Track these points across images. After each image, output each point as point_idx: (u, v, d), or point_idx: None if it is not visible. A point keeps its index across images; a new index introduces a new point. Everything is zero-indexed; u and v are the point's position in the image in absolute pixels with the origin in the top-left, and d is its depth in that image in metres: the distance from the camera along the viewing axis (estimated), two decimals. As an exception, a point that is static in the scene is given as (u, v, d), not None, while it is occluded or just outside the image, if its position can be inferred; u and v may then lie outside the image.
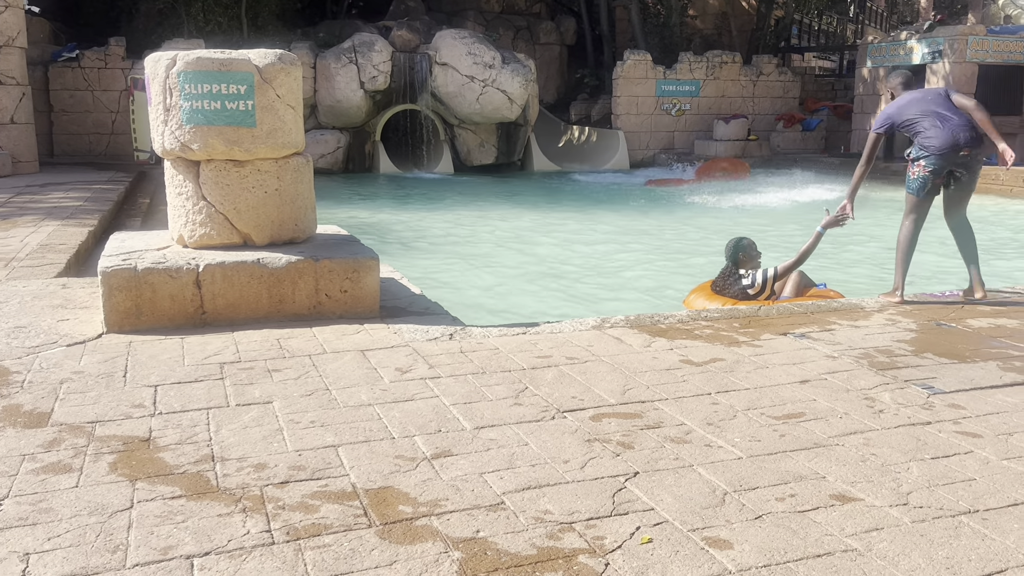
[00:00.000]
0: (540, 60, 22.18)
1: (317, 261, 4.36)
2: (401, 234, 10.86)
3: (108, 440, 2.82)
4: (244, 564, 2.07)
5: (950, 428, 3.03)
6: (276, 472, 2.59)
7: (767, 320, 4.57)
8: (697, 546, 2.18)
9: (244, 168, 4.43)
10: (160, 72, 4.32)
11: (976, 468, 2.69)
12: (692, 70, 21.22)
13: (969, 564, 2.12)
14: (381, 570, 2.06)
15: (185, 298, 4.19)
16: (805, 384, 3.50)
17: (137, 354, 3.77)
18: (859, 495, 2.48)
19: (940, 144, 5.03)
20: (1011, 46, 17.52)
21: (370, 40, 18.20)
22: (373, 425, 2.98)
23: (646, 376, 3.57)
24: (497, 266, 8.90)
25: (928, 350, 4.03)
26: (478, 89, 18.37)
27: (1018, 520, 2.34)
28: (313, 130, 17.95)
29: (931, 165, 5.07)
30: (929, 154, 5.06)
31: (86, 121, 17.01)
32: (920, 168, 5.12)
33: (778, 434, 2.95)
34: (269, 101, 4.36)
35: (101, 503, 2.37)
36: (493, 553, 2.14)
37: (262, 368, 3.60)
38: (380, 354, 3.81)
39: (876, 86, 19.43)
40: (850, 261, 9.25)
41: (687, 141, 21.23)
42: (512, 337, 4.13)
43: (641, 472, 2.62)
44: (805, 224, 10.15)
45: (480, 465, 2.66)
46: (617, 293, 7.68)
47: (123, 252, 4.40)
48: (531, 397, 3.29)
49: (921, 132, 5.11)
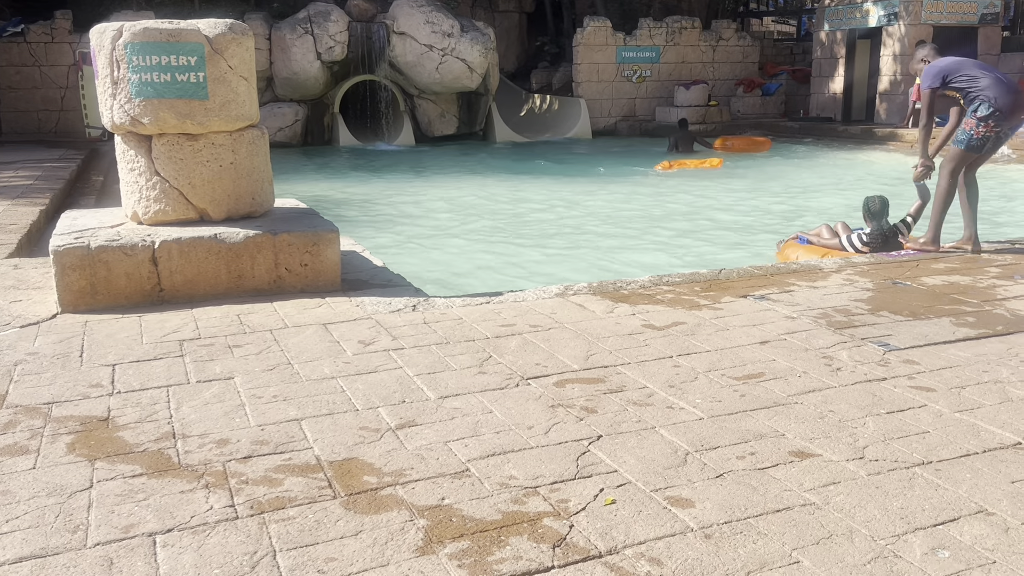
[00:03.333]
0: (499, 28, 21.96)
1: (276, 235, 4.31)
2: (363, 207, 10.76)
3: (65, 421, 2.78)
4: (208, 539, 2.06)
5: (905, 383, 3.10)
6: (239, 447, 2.57)
7: (727, 283, 4.62)
8: (660, 505, 2.22)
9: (198, 142, 4.34)
10: (106, 44, 4.20)
11: (929, 421, 2.76)
12: (652, 36, 21.18)
13: (923, 513, 2.17)
14: (347, 540, 2.06)
15: (141, 275, 4.12)
16: (765, 345, 3.55)
17: (93, 333, 3.70)
18: (817, 451, 2.53)
19: (1010, 104, 5.20)
20: (964, 7, 17.73)
21: (326, 10, 17.87)
22: (336, 398, 2.97)
23: (609, 341, 3.59)
24: (461, 237, 8.86)
25: (884, 308, 4.11)
26: (437, 58, 18.17)
27: (970, 470, 2.41)
28: (270, 103, 17.65)
29: (999, 124, 5.22)
30: (1001, 112, 5.19)
31: (34, 98, 16.56)
32: (988, 128, 5.23)
33: (738, 394, 2.99)
34: (221, 72, 4.27)
35: (60, 484, 2.34)
36: (458, 519, 2.15)
37: (223, 344, 3.56)
38: (342, 327, 3.79)
39: (833, 49, 19.57)
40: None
41: (648, 108, 21.24)
42: (476, 307, 4.13)
43: (604, 435, 2.65)
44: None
45: (445, 434, 2.66)
46: (581, 261, 7.70)
47: (75, 230, 4.31)
48: (495, 365, 3.29)
49: (984, 89, 5.22)
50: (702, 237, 8.61)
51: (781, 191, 11.75)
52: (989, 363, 3.32)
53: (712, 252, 7.85)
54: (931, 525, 2.12)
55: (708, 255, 7.72)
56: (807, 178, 13.00)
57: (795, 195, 11.45)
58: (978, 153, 5.38)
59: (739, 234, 8.75)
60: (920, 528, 2.10)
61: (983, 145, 5.32)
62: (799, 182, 12.58)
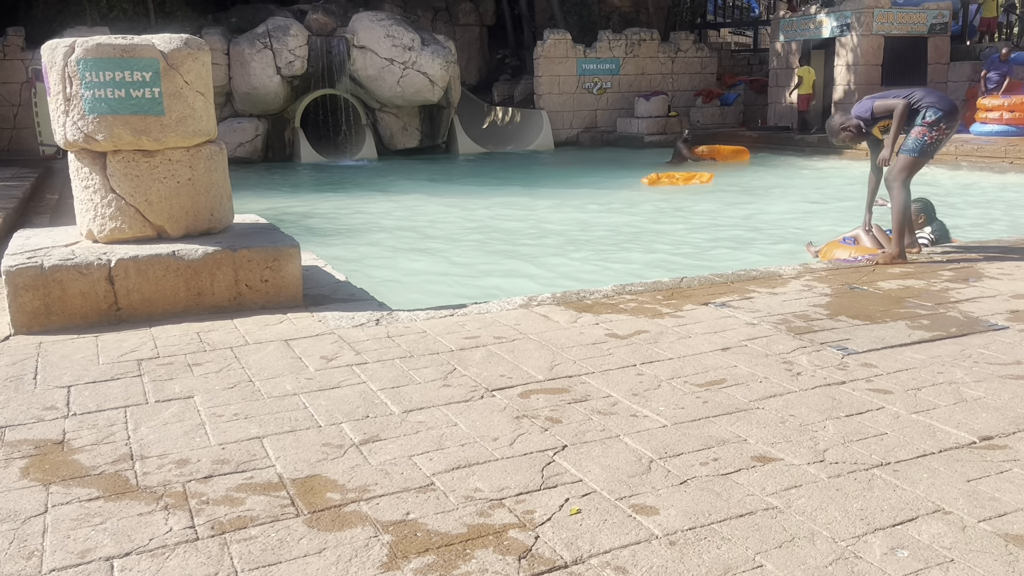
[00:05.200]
0: (460, 41, 22.03)
1: (235, 251, 4.26)
2: (325, 222, 10.68)
3: (19, 445, 2.71)
4: (167, 562, 2.02)
5: (863, 386, 3.15)
6: (199, 467, 2.53)
7: (689, 291, 4.66)
8: (625, 514, 2.22)
9: (154, 158, 4.29)
10: (58, 60, 4.14)
11: (887, 423, 2.80)
12: (612, 48, 21.39)
13: (882, 514, 2.21)
14: (310, 558, 2.04)
15: (97, 295, 4.05)
16: (726, 351, 3.58)
17: (48, 355, 3.62)
18: (779, 455, 2.56)
19: (951, 104, 5.39)
20: (914, 17, 18.17)
21: (285, 24, 17.78)
22: (299, 415, 2.94)
23: (573, 351, 3.60)
24: (424, 250, 8.84)
25: (842, 313, 4.18)
26: (398, 72, 18.16)
27: (927, 470, 2.45)
28: (230, 118, 17.50)
29: (948, 125, 5.36)
30: (947, 113, 5.34)
31: (-14, 115, 16.21)
32: (939, 131, 5.35)
33: (701, 401, 3.02)
34: (177, 88, 4.22)
35: (13, 509, 2.28)
36: (423, 534, 2.14)
37: (182, 363, 3.51)
38: (304, 343, 3.75)
39: (789, 60, 19.91)
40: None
41: (609, 119, 21.42)
42: (440, 320, 4.12)
43: (569, 445, 2.65)
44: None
45: (409, 448, 2.65)
46: (545, 271, 7.72)
47: (28, 250, 4.22)
48: (460, 378, 3.28)
49: (922, 99, 5.39)
50: (684, 251, 8.60)
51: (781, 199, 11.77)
52: (944, 364, 3.38)
53: (697, 265, 7.89)
54: (890, 525, 2.15)
55: (687, 268, 7.78)
56: (789, 187, 13.08)
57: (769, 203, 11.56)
58: (929, 158, 5.49)
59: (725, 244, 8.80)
60: (879, 528, 2.13)
61: (934, 149, 5.43)
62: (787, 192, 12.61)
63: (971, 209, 10.62)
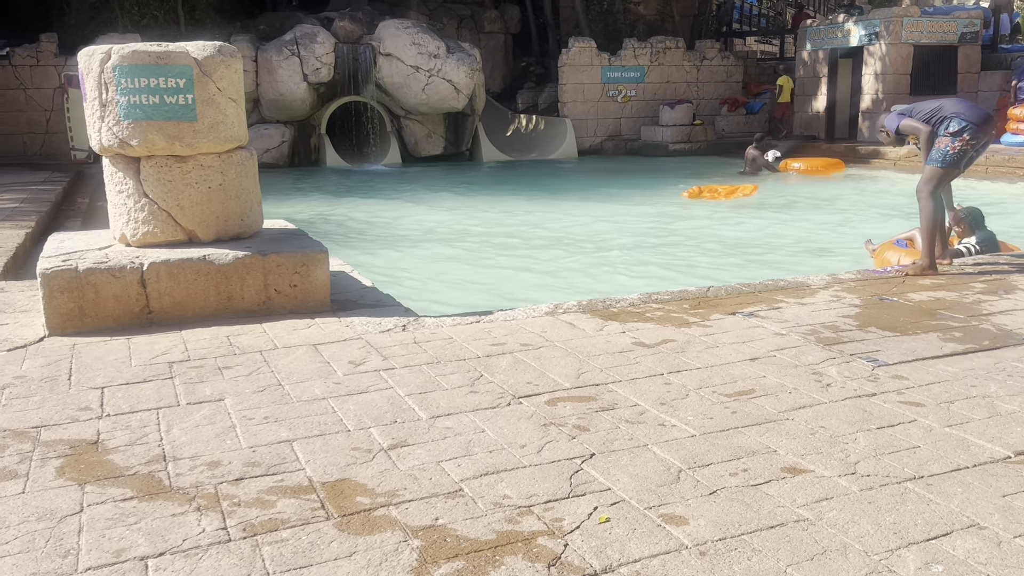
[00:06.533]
0: (485, 49, 22.10)
1: (265, 256, 4.30)
2: (350, 227, 10.75)
3: (54, 444, 2.75)
4: (200, 563, 2.04)
5: (894, 399, 3.12)
6: (230, 469, 2.55)
7: (716, 300, 4.64)
8: (654, 523, 2.22)
9: (186, 163, 4.34)
10: (94, 67, 4.21)
11: (920, 436, 2.77)
12: (636, 56, 21.37)
13: (916, 528, 2.18)
14: (340, 562, 2.05)
15: (130, 298, 4.10)
16: (755, 361, 3.56)
17: (82, 356, 3.68)
18: (809, 467, 2.54)
19: (980, 116, 5.33)
20: (944, 26, 17.98)
21: (312, 32, 17.95)
22: (328, 419, 2.96)
23: (599, 359, 3.60)
24: (450, 256, 8.87)
25: (872, 324, 4.14)
26: (424, 79, 18.26)
27: (961, 484, 2.43)
28: (257, 124, 17.66)
29: (974, 137, 5.30)
30: (973, 124, 5.28)
31: (19, 120, 16.50)
32: (963, 142, 5.30)
33: (730, 411, 3.00)
34: (210, 94, 4.27)
35: (49, 508, 2.32)
36: (452, 540, 2.14)
37: (212, 366, 3.54)
38: (333, 348, 3.78)
39: (816, 68, 19.79)
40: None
41: (634, 127, 21.39)
42: (466, 326, 4.13)
43: (597, 453, 2.65)
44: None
45: (437, 454, 2.66)
46: (571, 279, 7.72)
47: (63, 253, 4.29)
48: (486, 384, 3.29)
49: (948, 108, 5.36)
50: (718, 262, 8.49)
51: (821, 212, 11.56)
52: (977, 378, 3.34)
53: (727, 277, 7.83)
54: (924, 540, 2.12)
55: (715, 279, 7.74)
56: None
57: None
58: (956, 169, 5.38)
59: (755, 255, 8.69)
60: (913, 543, 2.11)
61: (960, 160, 5.33)
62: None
63: (1003, 220, 10.46)
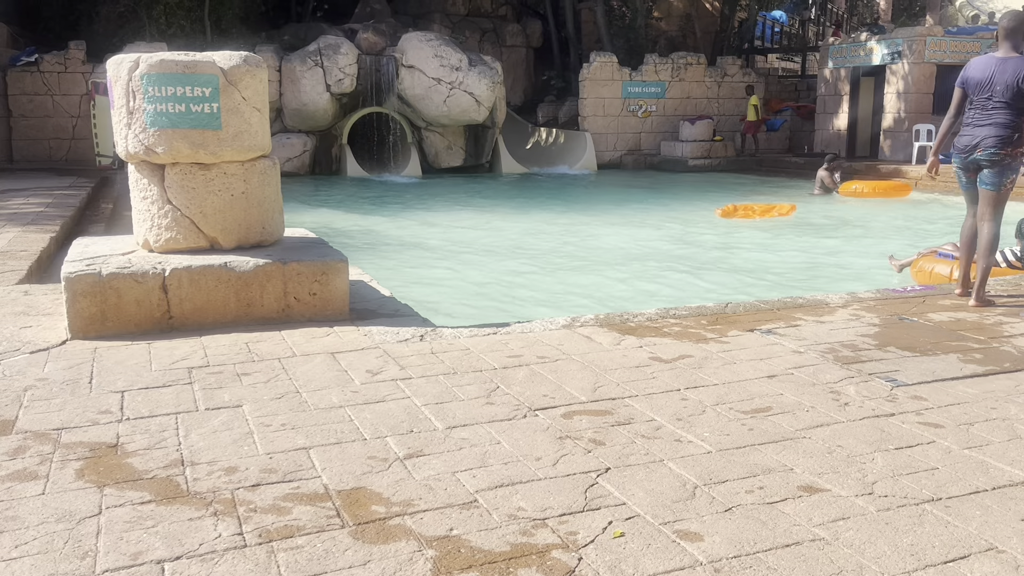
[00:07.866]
0: (507, 62, 22.23)
1: (285, 264, 4.34)
2: (369, 237, 10.81)
3: (74, 447, 2.78)
4: (216, 567, 2.06)
5: (913, 419, 3.10)
6: (247, 475, 2.57)
7: (734, 317, 4.63)
8: (668, 539, 2.21)
9: (210, 171, 4.40)
10: (123, 75, 4.27)
11: (938, 457, 2.75)
12: (658, 71, 21.40)
13: (933, 550, 2.16)
14: (355, 570, 2.06)
15: (151, 303, 4.15)
16: (772, 379, 3.55)
17: (103, 360, 3.72)
18: (826, 486, 2.53)
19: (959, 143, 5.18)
20: (968, 46, 17.89)
21: (336, 43, 18.13)
22: (344, 427, 2.97)
23: (616, 373, 3.60)
24: (468, 267, 8.90)
25: (891, 344, 4.11)
26: (445, 91, 18.38)
27: (979, 507, 2.40)
28: (279, 133, 17.83)
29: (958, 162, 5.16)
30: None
31: (46, 126, 16.75)
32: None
33: (746, 428, 2.99)
34: (235, 103, 4.33)
35: (69, 510, 2.34)
36: (467, 551, 2.15)
37: (231, 372, 3.57)
38: (350, 356, 3.80)
39: (838, 86, 19.74)
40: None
41: (653, 142, 21.40)
42: (483, 337, 4.14)
43: (612, 468, 2.64)
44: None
45: (453, 464, 2.66)
46: (588, 293, 7.72)
47: (87, 257, 4.34)
48: (503, 396, 3.30)
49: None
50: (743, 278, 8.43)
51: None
52: (997, 400, 3.31)
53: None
54: (942, 562, 2.11)
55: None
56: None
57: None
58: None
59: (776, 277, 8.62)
60: (931, 565, 2.09)
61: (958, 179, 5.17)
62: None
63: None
